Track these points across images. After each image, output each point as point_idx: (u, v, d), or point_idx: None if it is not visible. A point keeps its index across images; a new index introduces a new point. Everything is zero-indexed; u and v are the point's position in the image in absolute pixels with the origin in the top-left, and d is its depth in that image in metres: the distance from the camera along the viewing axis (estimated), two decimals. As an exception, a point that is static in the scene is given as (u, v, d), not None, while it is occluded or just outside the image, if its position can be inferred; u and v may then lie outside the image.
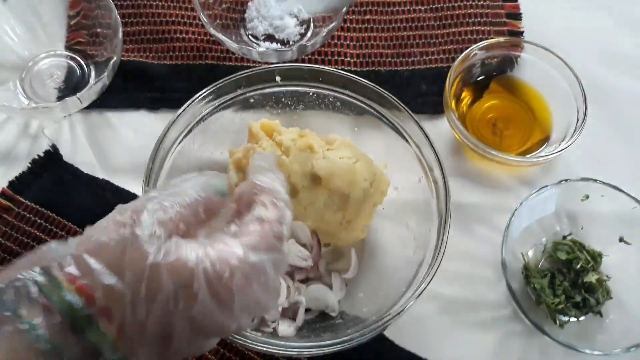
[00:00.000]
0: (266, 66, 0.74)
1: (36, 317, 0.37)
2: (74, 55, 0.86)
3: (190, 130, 0.71)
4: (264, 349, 0.61)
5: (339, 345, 0.60)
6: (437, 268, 0.63)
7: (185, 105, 0.69)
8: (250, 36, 0.88)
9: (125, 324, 0.38)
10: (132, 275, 0.38)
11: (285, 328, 0.67)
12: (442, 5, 0.90)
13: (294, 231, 0.67)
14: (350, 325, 0.66)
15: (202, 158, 0.73)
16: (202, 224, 0.44)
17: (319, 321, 0.69)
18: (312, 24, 0.89)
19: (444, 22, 0.89)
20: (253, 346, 0.61)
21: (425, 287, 0.62)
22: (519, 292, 0.72)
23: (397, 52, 0.87)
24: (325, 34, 0.81)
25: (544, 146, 0.80)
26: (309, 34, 0.88)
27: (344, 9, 0.82)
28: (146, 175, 0.65)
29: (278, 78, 0.73)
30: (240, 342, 0.60)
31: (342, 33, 0.88)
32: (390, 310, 0.62)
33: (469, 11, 0.89)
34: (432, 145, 0.68)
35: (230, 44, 0.81)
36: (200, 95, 0.70)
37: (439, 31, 0.89)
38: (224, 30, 0.86)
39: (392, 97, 0.71)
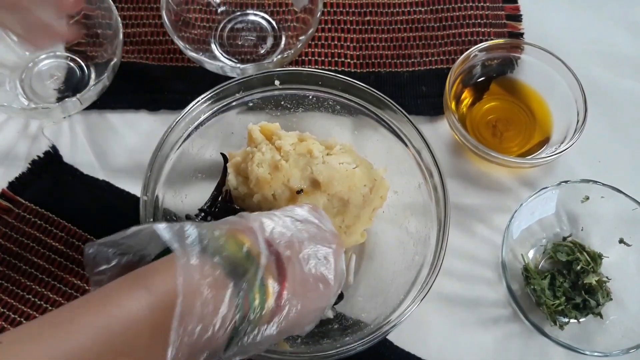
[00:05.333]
0: (265, 70, 0.74)
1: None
2: (74, 57, 0.86)
3: (189, 134, 0.71)
4: (265, 355, 0.61)
5: (338, 355, 0.61)
6: (437, 274, 0.63)
7: (185, 111, 0.69)
8: (224, 53, 0.88)
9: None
10: None
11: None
12: (442, 6, 0.90)
13: None
14: (349, 332, 0.66)
15: (202, 161, 0.73)
16: None
17: (318, 326, 0.69)
18: (283, 34, 0.89)
19: (444, 23, 0.89)
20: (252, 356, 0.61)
21: (426, 294, 0.62)
22: (519, 293, 0.72)
23: (397, 53, 0.87)
24: (303, 41, 0.81)
25: (544, 147, 0.80)
26: (282, 44, 0.88)
27: (318, 14, 0.82)
28: (144, 182, 0.65)
29: (277, 82, 0.73)
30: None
31: (342, 34, 0.88)
32: (390, 317, 0.62)
33: (469, 12, 0.89)
34: (430, 150, 0.68)
35: (210, 65, 0.81)
36: (200, 99, 0.70)
37: (439, 32, 0.89)
38: (199, 51, 0.84)
39: (391, 101, 0.71)
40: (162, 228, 0.45)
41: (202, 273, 0.44)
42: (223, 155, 0.72)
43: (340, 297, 0.67)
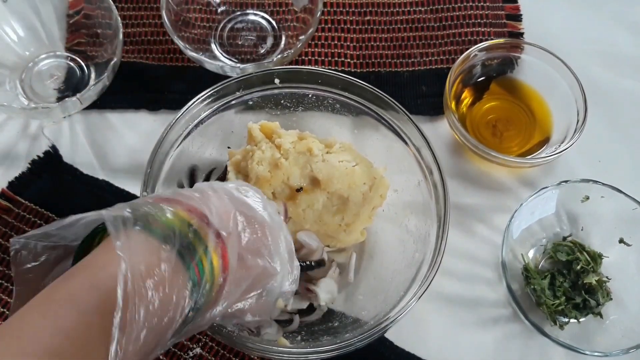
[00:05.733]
0: (265, 68, 0.74)
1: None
2: (74, 56, 0.86)
3: (189, 133, 0.71)
4: (264, 354, 0.61)
5: (337, 351, 0.61)
6: (437, 271, 0.63)
7: (185, 108, 0.69)
8: (224, 53, 0.88)
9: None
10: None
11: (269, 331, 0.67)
12: (442, 6, 0.90)
13: (303, 240, 0.67)
14: (349, 329, 0.66)
15: (201, 160, 0.72)
16: None
17: (318, 324, 0.69)
18: (283, 34, 0.89)
19: (444, 23, 0.89)
20: (253, 351, 0.61)
21: (425, 290, 0.62)
22: (519, 293, 0.72)
23: (397, 53, 0.87)
24: (303, 40, 0.81)
25: (544, 147, 0.80)
26: (282, 44, 0.88)
27: (318, 13, 0.81)
28: (144, 179, 0.65)
29: (277, 80, 0.73)
30: (242, 346, 0.60)
31: (342, 34, 0.88)
32: (390, 314, 0.62)
33: (469, 12, 0.89)
34: (430, 148, 0.68)
35: (210, 65, 0.81)
36: (199, 98, 0.70)
37: (439, 32, 0.89)
38: (199, 51, 0.84)
39: (391, 99, 0.71)
40: (109, 218, 0.43)
41: (148, 271, 0.42)
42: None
43: (321, 263, 0.67)
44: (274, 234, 0.54)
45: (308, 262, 0.66)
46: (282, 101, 0.75)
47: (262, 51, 0.88)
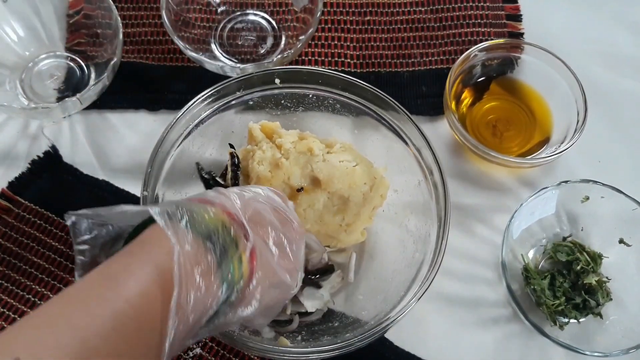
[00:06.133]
0: (266, 68, 0.74)
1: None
2: (74, 57, 0.86)
3: (190, 132, 0.71)
4: (264, 354, 0.61)
5: (337, 351, 0.61)
6: (437, 271, 0.63)
7: (185, 108, 0.69)
8: (224, 53, 0.88)
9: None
10: None
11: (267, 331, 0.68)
12: (442, 6, 0.90)
13: (308, 243, 0.67)
14: (349, 329, 0.66)
15: (202, 159, 0.72)
16: None
17: (318, 324, 0.69)
18: (283, 34, 0.89)
19: (444, 23, 0.89)
20: (253, 351, 0.61)
21: (425, 290, 0.62)
22: (519, 293, 0.72)
23: (397, 53, 0.87)
24: (303, 39, 0.81)
25: (544, 147, 0.80)
26: (282, 44, 0.88)
27: (318, 13, 0.81)
28: (145, 179, 0.65)
29: (277, 80, 0.73)
30: (241, 345, 0.60)
31: (342, 34, 0.88)
32: (390, 314, 0.62)
33: (469, 12, 0.89)
34: (431, 148, 0.68)
35: (210, 65, 0.81)
36: (200, 97, 0.70)
37: (439, 32, 0.89)
38: (199, 51, 0.84)
39: (391, 99, 0.71)
40: (156, 212, 0.46)
41: (196, 259, 0.45)
42: (231, 145, 0.71)
43: (329, 270, 0.68)
44: (299, 245, 0.57)
45: (317, 270, 0.68)
46: (283, 101, 0.75)
47: (262, 51, 0.88)
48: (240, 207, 0.52)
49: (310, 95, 0.74)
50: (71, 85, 0.84)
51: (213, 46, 0.87)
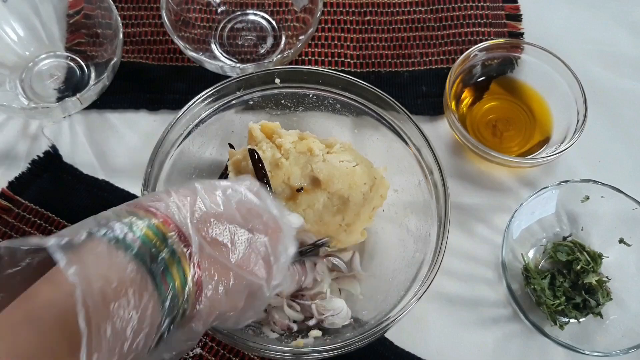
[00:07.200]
0: (266, 68, 0.74)
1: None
2: (74, 56, 0.86)
3: (190, 132, 0.71)
4: (264, 354, 0.61)
5: (337, 351, 0.61)
6: (437, 271, 0.63)
7: (185, 108, 0.69)
8: (224, 53, 0.88)
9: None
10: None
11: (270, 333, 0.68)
12: (442, 6, 0.90)
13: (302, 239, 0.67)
14: (349, 329, 0.66)
15: (202, 159, 0.73)
16: None
17: (318, 324, 0.69)
18: (282, 34, 0.89)
19: (444, 23, 0.89)
20: (253, 351, 0.61)
21: (425, 290, 0.62)
22: (519, 293, 0.72)
23: (397, 53, 0.87)
24: (303, 39, 0.81)
25: (544, 147, 0.80)
26: (282, 44, 0.88)
27: (318, 13, 0.81)
28: (145, 179, 0.65)
29: (277, 80, 0.73)
30: (242, 345, 0.60)
31: (342, 34, 0.88)
32: (390, 314, 0.62)
33: (469, 12, 0.89)
34: (431, 148, 0.68)
35: (210, 65, 0.80)
36: (200, 97, 0.70)
37: (439, 32, 0.89)
38: (199, 51, 0.84)
39: (391, 99, 0.71)
40: (55, 246, 0.41)
41: (118, 286, 0.40)
42: (231, 145, 0.71)
43: (325, 243, 0.66)
44: (276, 239, 0.51)
45: (308, 245, 0.66)
46: (283, 101, 0.75)
47: (262, 51, 0.88)
48: (183, 210, 0.46)
49: (310, 95, 0.74)
50: (71, 85, 0.84)
51: (213, 46, 0.87)
